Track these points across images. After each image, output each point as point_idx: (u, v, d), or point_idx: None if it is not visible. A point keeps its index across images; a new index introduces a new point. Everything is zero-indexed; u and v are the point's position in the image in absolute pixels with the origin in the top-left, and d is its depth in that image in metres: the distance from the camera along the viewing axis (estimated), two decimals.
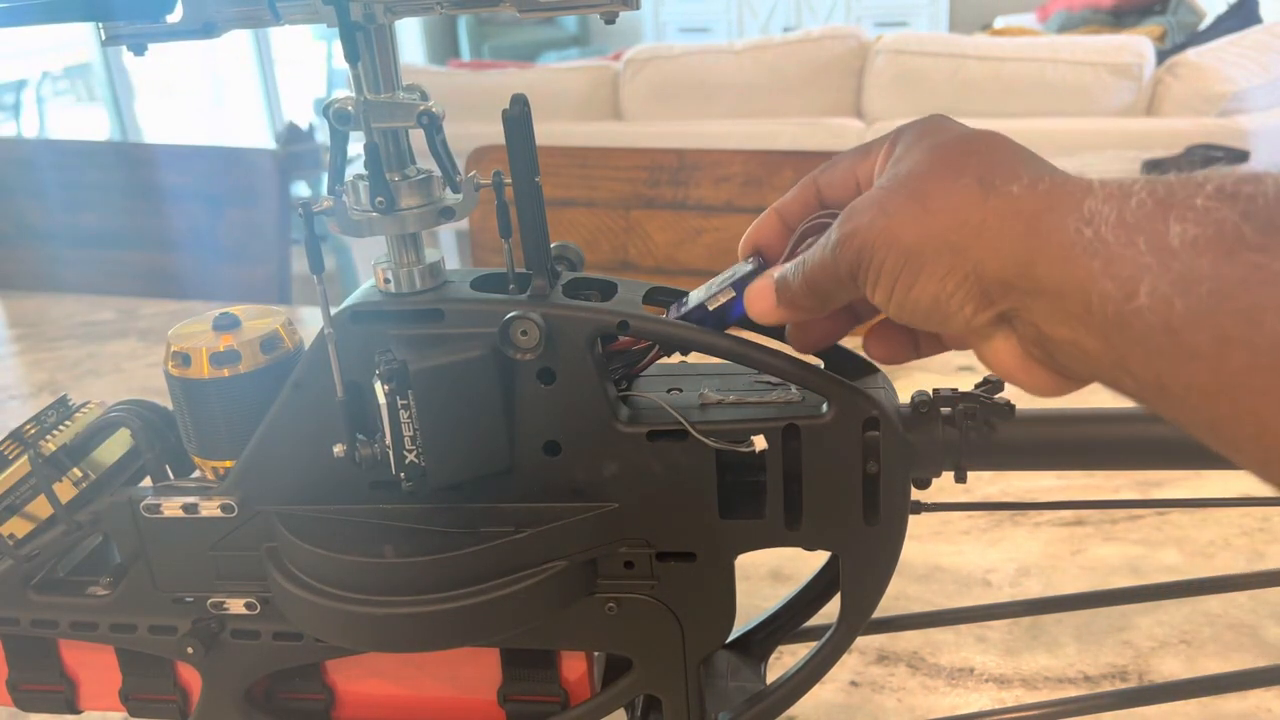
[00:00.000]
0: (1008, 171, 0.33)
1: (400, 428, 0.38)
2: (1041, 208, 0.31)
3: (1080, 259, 0.29)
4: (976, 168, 0.33)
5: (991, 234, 0.32)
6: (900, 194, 0.34)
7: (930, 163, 0.35)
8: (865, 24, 5.09)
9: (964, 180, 0.33)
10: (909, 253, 0.33)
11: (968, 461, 0.40)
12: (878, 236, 0.34)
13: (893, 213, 0.34)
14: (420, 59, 5.66)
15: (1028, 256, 0.31)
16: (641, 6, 0.39)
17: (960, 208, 0.33)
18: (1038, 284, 0.31)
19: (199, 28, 0.37)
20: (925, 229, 0.33)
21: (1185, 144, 2.37)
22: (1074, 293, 0.30)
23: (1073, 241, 0.30)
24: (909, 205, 0.34)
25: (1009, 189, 0.32)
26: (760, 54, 2.99)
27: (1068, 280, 0.30)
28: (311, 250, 0.39)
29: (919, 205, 0.34)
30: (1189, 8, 3.74)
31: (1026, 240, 0.31)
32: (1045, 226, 0.31)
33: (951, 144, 0.35)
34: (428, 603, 0.39)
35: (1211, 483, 0.80)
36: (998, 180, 0.33)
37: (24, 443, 0.45)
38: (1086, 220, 0.30)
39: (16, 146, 2.34)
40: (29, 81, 4.98)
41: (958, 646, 0.66)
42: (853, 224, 0.35)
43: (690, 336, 0.40)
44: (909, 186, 0.34)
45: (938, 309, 0.34)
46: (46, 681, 0.50)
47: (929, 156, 0.35)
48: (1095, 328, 0.29)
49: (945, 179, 0.34)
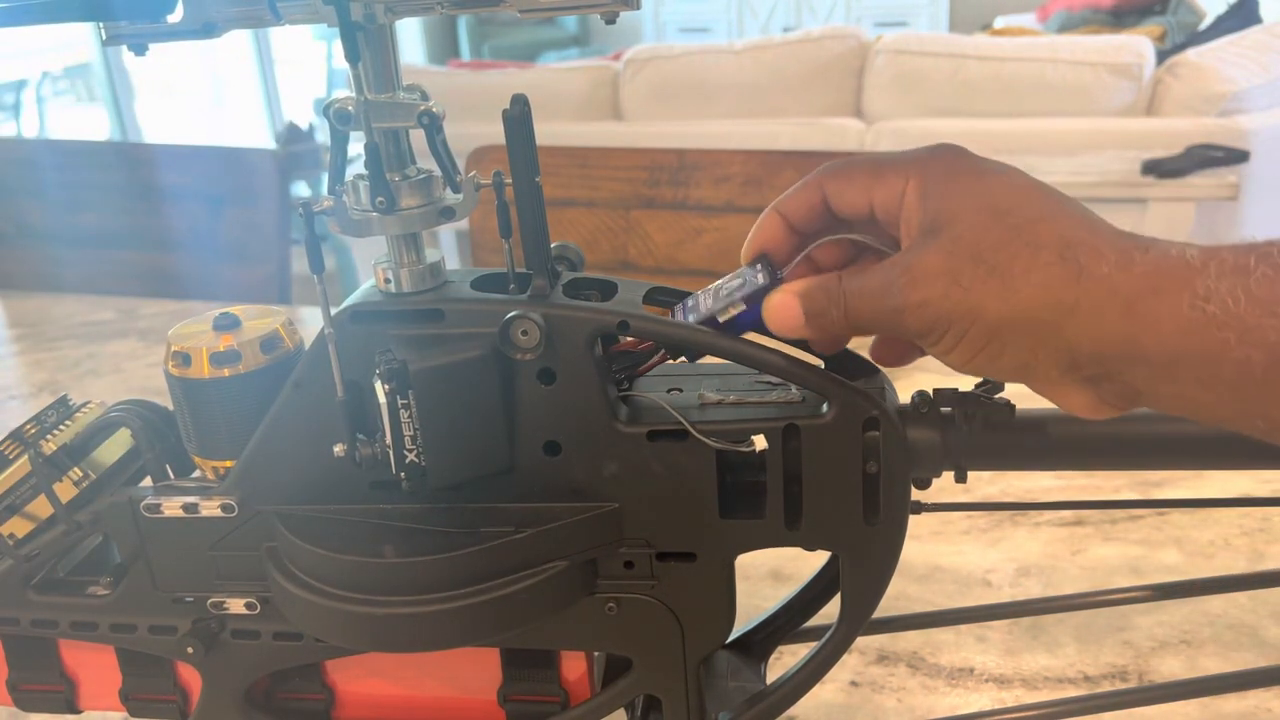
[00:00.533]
0: (1089, 247, 0.34)
1: (400, 428, 0.38)
2: (1143, 289, 0.33)
3: (1204, 332, 0.32)
4: (1052, 239, 0.35)
5: (1085, 315, 0.34)
6: (973, 266, 0.35)
7: (993, 228, 0.35)
8: (865, 24, 5.09)
9: (1044, 255, 0.34)
10: (994, 330, 0.35)
11: (968, 461, 0.40)
12: (955, 310, 0.35)
13: (970, 287, 0.35)
14: (420, 59, 5.66)
15: (1130, 334, 0.33)
16: (641, 6, 0.39)
17: (1049, 286, 0.34)
18: (1142, 356, 0.33)
19: (199, 28, 0.37)
20: (1011, 307, 0.34)
21: (1185, 144, 2.37)
22: (1197, 362, 0.33)
23: (1190, 318, 0.32)
24: (989, 281, 0.35)
25: (1100, 270, 0.34)
26: (760, 54, 2.99)
27: (1188, 352, 0.33)
28: (311, 250, 0.39)
29: (1000, 282, 0.34)
30: (1189, 8, 3.74)
31: (1126, 320, 0.33)
32: (1149, 307, 0.33)
33: (1006, 205, 0.36)
34: (428, 603, 0.39)
35: (1211, 483, 0.80)
36: (1082, 258, 0.34)
37: (24, 443, 0.45)
38: (1204, 298, 0.32)
39: (16, 146, 2.34)
40: (29, 81, 4.98)
41: (958, 646, 0.66)
42: (922, 294, 0.35)
43: (691, 337, 0.40)
44: (980, 258, 0.35)
45: (1025, 372, 0.36)
46: (46, 681, 0.50)
47: (987, 220, 0.35)
48: (1223, 386, 0.33)
49: (1022, 253, 0.35)
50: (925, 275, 0.35)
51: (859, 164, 0.40)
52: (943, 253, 0.35)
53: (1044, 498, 0.81)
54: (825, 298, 0.38)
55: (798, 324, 0.39)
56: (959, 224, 0.36)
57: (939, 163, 0.38)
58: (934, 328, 0.36)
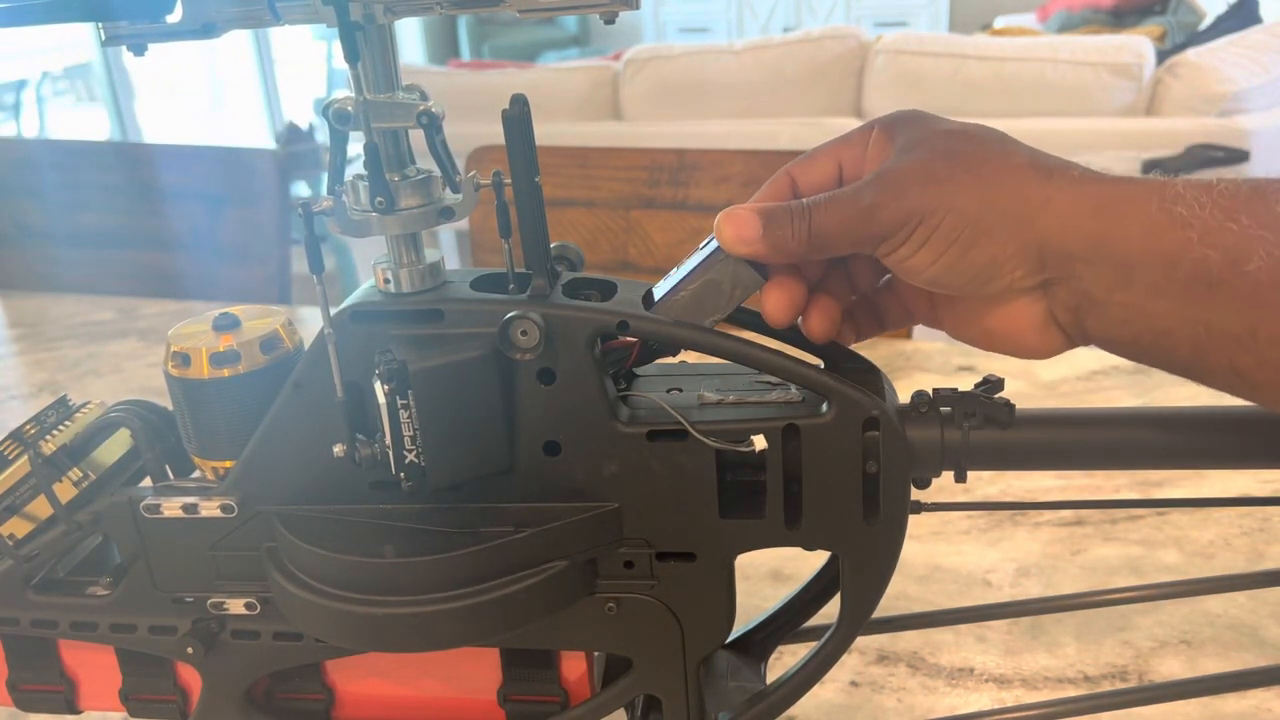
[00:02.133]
0: (1058, 161, 0.37)
1: (400, 428, 0.38)
2: (1113, 193, 0.35)
3: (1169, 232, 0.34)
4: (1024, 152, 0.37)
5: (1057, 209, 0.36)
6: (948, 164, 0.37)
7: (965, 144, 0.38)
8: (865, 24, 5.09)
9: (1016, 160, 0.37)
10: (971, 218, 0.36)
11: (968, 461, 0.40)
12: (930, 202, 0.36)
13: (946, 180, 0.37)
14: (420, 59, 5.66)
15: (1098, 233, 0.35)
16: (641, 6, 0.39)
17: (1022, 183, 0.36)
18: (1107, 256, 0.35)
19: (199, 28, 0.37)
20: (987, 198, 0.36)
21: (1185, 144, 2.37)
22: (1156, 262, 0.34)
23: (1156, 220, 0.34)
24: (965, 175, 0.37)
25: (1069, 173, 0.36)
26: (760, 54, 2.99)
27: (1150, 251, 0.34)
28: (311, 250, 0.39)
29: (975, 176, 0.36)
30: (1189, 8, 3.74)
31: (1096, 220, 0.35)
32: (1119, 209, 0.35)
33: (974, 132, 0.38)
34: (428, 603, 0.39)
35: (1211, 483, 0.80)
36: (1053, 166, 0.37)
37: (24, 443, 0.45)
38: (1173, 201, 0.34)
39: (16, 146, 2.34)
40: (29, 81, 4.98)
41: (958, 646, 0.66)
42: (897, 189, 0.37)
43: (691, 336, 0.40)
44: (955, 159, 0.37)
45: (990, 271, 0.37)
46: (46, 681, 0.50)
47: (960, 141, 0.38)
48: (1175, 290, 0.34)
49: (995, 158, 0.37)
50: (900, 178, 0.37)
51: (821, 146, 0.42)
52: (916, 159, 0.38)
53: (1044, 498, 0.81)
54: (786, 213, 0.39)
55: (754, 234, 0.39)
56: (931, 139, 0.38)
57: (902, 115, 0.40)
58: (906, 221, 0.37)
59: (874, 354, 1.11)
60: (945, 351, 1.06)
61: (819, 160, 0.42)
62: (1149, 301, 0.35)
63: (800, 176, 0.42)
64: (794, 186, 0.42)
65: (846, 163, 0.41)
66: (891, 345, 1.10)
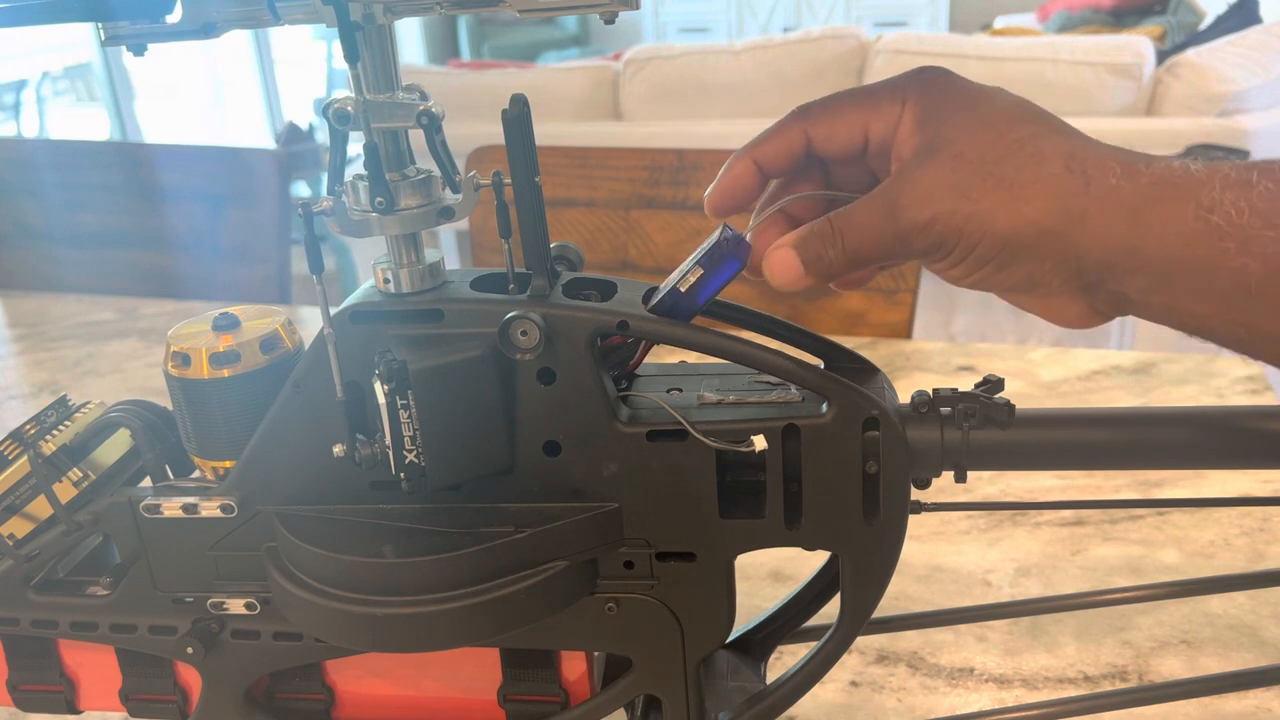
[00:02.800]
0: (1094, 159, 0.35)
1: (400, 428, 0.38)
2: (1149, 199, 0.34)
3: (1206, 241, 0.33)
4: (1055, 151, 0.35)
5: (1094, 222, 0.35)
6: (980, 179, 0.35)
7: (995, 144, 0.36)
8: (865, 24, 5.08)
9: (1049, 166, 0.35)
10: (1005, 241, 0.35)
11: (968, 461, 0.40)
12: (966, 224, 0.35)
13: (979, 200, 0.35)
14: (420, 59, 5.66)
15: (1135, 243, 0.34)
16: (641, 6, 0.39)
17: (1058, 196, 0.35)
18: (1144, 265, 0.34)
19: (199, 28, 0.37)
20: (1021, 217, 0.35)
21: (1185, 144, 2.37)
22: (1195, 270, 0.34)
23: (1193, 228, 0.33)
24: (996, 192, 0.35)
25: (1107, 180, 0.35)
26: (760, 54, 2.99)
27: (1187, 260, 0.34)
28: (311, 250, 0.39)
29: (1008, 193, 0.35)
30: (1189, 8, 3.74)
31: (1133, 229, 0.34)
32: (1155, 216, 0.34)
33: (1004, 122, 0.36)
34: (428, 603, 0.39)
35: (1211, 483, 0.80)
36: (1089, 169, 0.35)
37: (24, 443, 0.45)
38: (1208, 209, 0.33)
39: (16, 146, 2.34)
40: (29, 81, 4.98)
41: (958, 646, 0.66)
42: (930, 211, 0.36)
43: (691, 337, 0.40)
44: (987, 171, 0.35)
45: (1027, 282, 0.36)
46: (46, 681, 0.50)
47: (988, 136, 0.36)
48: (1215, 296, 0.34)
49: (1028, 165, 0.35)
50: (931, 192, 0.36)
51: (845, 99, 0.40)
52: (946, 168, 0.36)
53: (1044, 498, 0.81)
54: (820, 242, 0.38)
55: (798, 274, 0.39)
56: (959, 142, 0.36)
57: (931, 85, 0.38)
58: (941, 244, 0.36)
59: (874, 354, 1.11)
60: (945, 351, 1.06)
61: (842, 123, 0.39)
62: (1189, 304, 0.35)
63: (816, 133, 0.40)
64: (807, 140, 0.40)
65: (874, 135, 0.39)
66: (891, 345, 1.10)
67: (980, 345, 1.05)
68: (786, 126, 0.40)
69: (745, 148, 0.41)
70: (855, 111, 0.39)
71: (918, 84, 0.38)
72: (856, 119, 0.39)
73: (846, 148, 0.40)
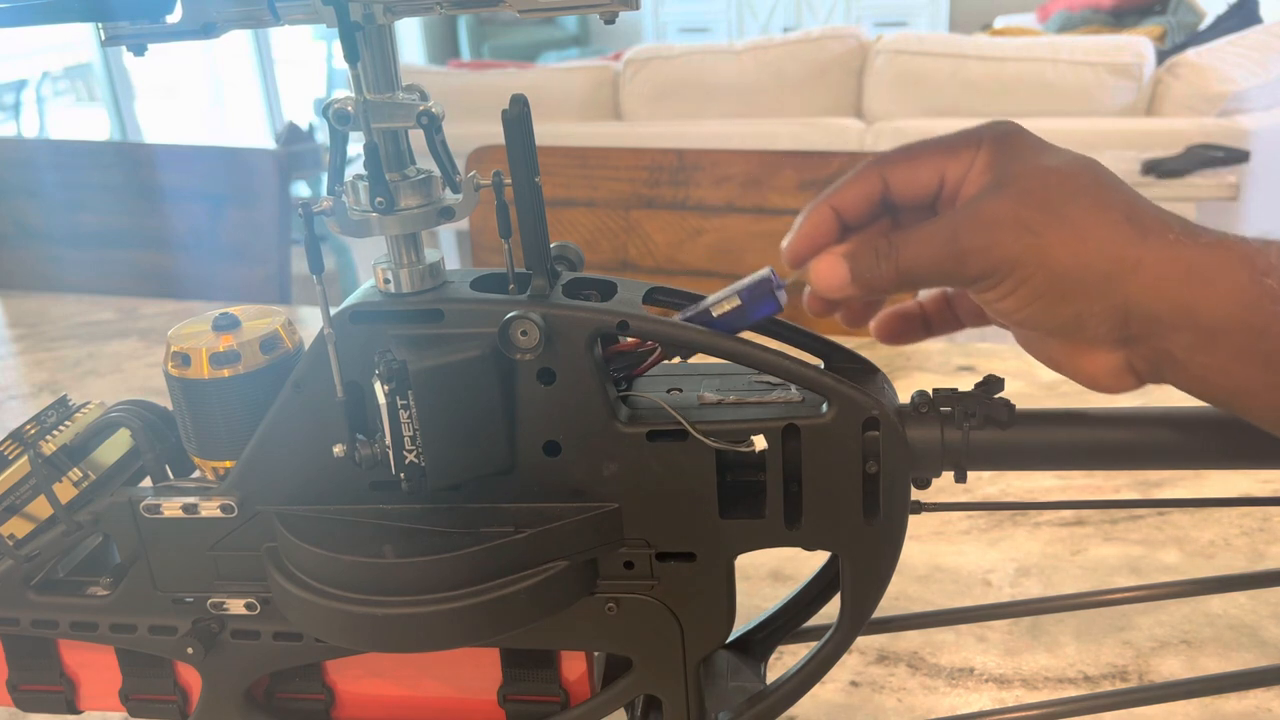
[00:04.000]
0: (1153, 217, 0.36)
1: (400, 428, 0.38)
2: (1207, 259, 0.35)
3: (1259, 305, 0.34)
4: (1118, 202, 0.36)
5: (1148, 273, 0.35)
6: (1043, 214, 0.36)
7: (1062, 186, 0.37)
8: (865, 24, 5.09)
9: (1112, 214, 0.36)
10: (1058, 277, 0.36)
11: (968, 461, 0.40)
12: (1023, 254, 0.36)
13: (1040, 233, 0.36)
14: (420, 59, 5.66)
15: (1187, 301, 0.35)
16: (641, 6, 0.39)
17: (1116, 241, 0.36)
18: (1193, 323, 0.35)
19: (199, 28, 0.37)
20: (1078, 256, 0.36)
21: (1185, 144, 2.37)
22: (1244, 331, 0.34)
23: (1248, 291, 0.34)
24: (1057, 229, 0.36)
25: (1165, 235, 0.35)
26: (760, 54, 2.99)
27: (1238, 320, 0.34)
28: (311, 250, 0.39)
29: (1069, 231, 0.36)
30: (1189, 8, 3.74)
31: (1186, 286, 0.35)
32: (1210, 274, 0.35)
33: (1072, 170, 0.37)
34: (428, 603, 0.39)
35: (1211, 483, 0.80)
36: (1148, 223, 0.36)
37: (24, 443, 0.45)
38: (1264, 272, 0.34)
39: (16, 146, 2.34)
40: (29, 81, 4.98)
41: (958, 646, 0.66)
42: (990, 237, 0.36)
43: (690, 337, 0.40)
44: (1050, 208, 0.36)
45: (1074, 324, 0.37)
46: (46, 681, 0.50)
47: (1055, 178, 0.37)
48: (1260, 359, 0.34)
49: (1092, 209, 0.36)
50: (994, 220, 0.37)
51: (923, 146, 0.41)
52: (1011, 200, 0.37)
53: (1044, 498, 0.81)
54: (873, 254, 0.39)
55: (843, 282, 0.39)
56: (1026, 179, 0.37)
57: (1005, 135, 0.39)
58: (996, 271, 0.37)
59: (874, 354, 1.11)
60: (945, 351, 1.06)
61: (921, 167, 0.41)
62: (1232, 365, 0.35)
63: (894, 178, 0.41)
64: (885, 187, 0.41)
65: (949, 179, 0.40)
66: (891, 345, 1.09)
67: (980, 345, 1.05)
68: (863, 173, 0.41)
69: (823, 195, 0.42)
70: (933, 156, 0.40)
71: (992, 133, 0.39)
72: (934, 163, 0.40)
73: (922, 192, 0.41)
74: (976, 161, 0.39)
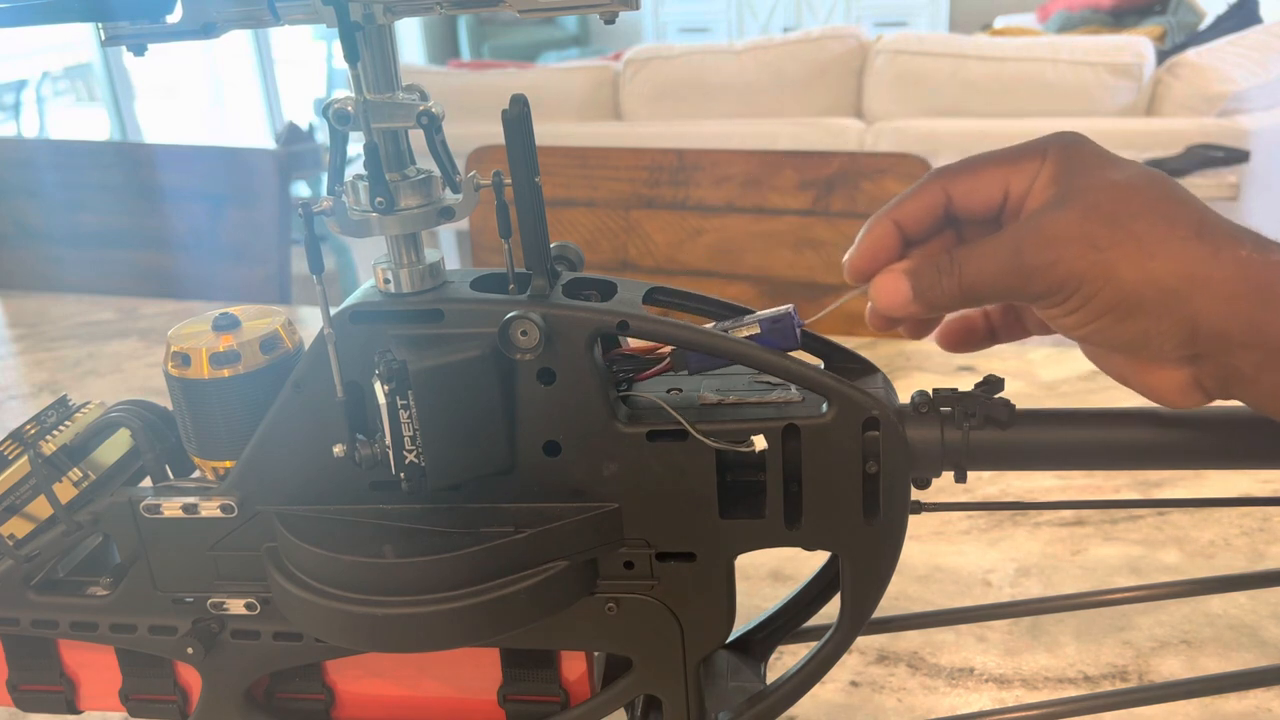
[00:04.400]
0: (1224, 231, 0.35)
1: (400, 428, 0.38)
2: (1277, 276, 0.34)
3: None
4: (1187, 217, 0.36)
5: (1218, 290, 0.35)
6: (1109, 230, 0.35)
7: (1129, 201, 0.36)
8: (865, 24, 5.09)
9: (1180, 230, 0.35)
10: (1126, 294, 0.35)
11: (968, 461, 0.40)
12: (1089, 271, 0.35)
13: (1105, 249, 0.35)
14: (420, 59, 5.66)
15: (1259, 319, 0.34)
16: (641, 6, 0.39)
17: (1185, 258, 0.35)
18: (1263, 341, 0.34)
19: (199, 28, 0.37)
20: (1146, 272, 0.35)
21: (1185, 144, 2.37)
22: None
23: None
24: (1125, 244, 0.35)
25: (1237, 252, 0.35)
26: (760, 54, 2.99)
27: None
28: (311, 250, 0.39)
29: (1136, 247, 0.35)
30: (1189, 8, 3.74)
31: (1257, 304, 0.34)
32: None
33: (1139, 183, 0.37)
34: (428, 603, 0.39)
35: (1211, 483, 0.80)
36: (1219, 239, 0.35)
37: (24, 443, 0.45)
38: None
39: (16, 146, 2.34)
40: (29, 81, 4.98)
41: (958, 646, 0.66)
42: (1056, 253, 0.36)
43: (690, 337, 0.40)
44: (1117, 223, 0.35)
45: (1140, 341, 0.36)
46: (46, 681, 0.50)
47: (1122, 193, 0.36)
48: None
49: (1159, 225, 0.35)
50: (1060, 235, 0.36)
51: (986, 157, 0.40)
52: (1077, 215, 0.36)
53: (1044, 498, 0.81)
54: (935, 270, 0.38)
55: (905, 299, 0.39)
56: (1092, 194, 0.36)
57: (1070, 147, 0.39)
58: (1062, 288, 0.36)
59: (874, 354, 1.11)
60: (945, 351, 1.06)
61: (983, 180, 0.40)
62: None
63: (956, 191, 0.40)
64: (948, 200, 0.40)
65: (1013, 191, 0.39)
66: (891, 345, 1.09)
67: None
68: (926, 186, 0.40)
69: (885, 209, 0.41)
70: (997, 169, 0.40)
71: (1057, 144, 0.39)
72: (998, 176, 0.40)
73: (986, 205, 0.40)
74: (1041, 174, 0.38)
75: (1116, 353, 0.38)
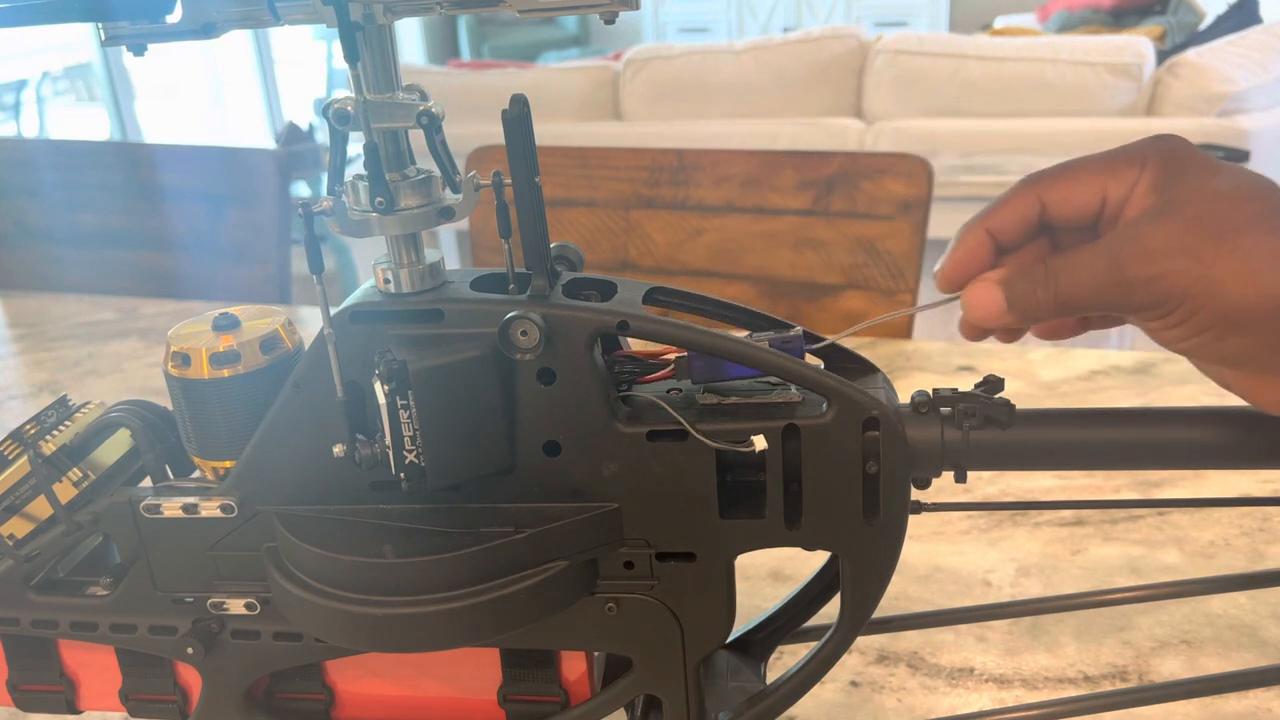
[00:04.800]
0: None
1: (400, 428, 0.38)
2: None
3: None
4: None
5: None
6: (1213, 244, 0.34)
7: (1233, 213, 0.35)
8: (865, 24, 5.09)
9: None
10: (1231, 310, 0.34)
11: (968, 461, 0.40)
12: (1193, 287, 0.34)
13: (1210, 264, 0.34)
14: (420, 59, 5.66)
15: None
16: (641, 6, 0.39)
17: None
18: None
19: (199, 28, 0.37)
20: (1252, 289, 0.34)
21: None
22: None
23: None
24: (1230, 259, 0.34)
25: None
26: (760, 54, 2.99)
27: None
28: (311, 250, 0.39)
29: (1242, 262, 0.34)
30: (1189, 8, 3.74)
31: None
32: None
33: (1244, 194, 0.35)
34: (428, 603, 0.39)
35: (1211, 483, 0.80)
36: None
37: (24, 443, 0.45)
38: None
39: (16, 146, 2.34)
40: (29, 81, 4.98)
41: (958, 646, 0.66)
42: (1158, 267, 0.35)
43: (690, 337, 0.40)
44: (1221, 238, 0.34)
45: (1243, 355, 0.35)
46: (46, 681, 0.50)
47: (1225, 205, 0.35)
48: None
49: (1266, 237, 0.34)
50: (1162, 249, 0.35)
51: (1082, 163, 0.39)
52: (1179, 228, 0.35)
53: (1044, 498, 0.81)
54: (1030, 281, 0.37)
55: (999, 310, 0.38)
56: (1195, 205, 0.35)
57: (1171, 152, 0.38)
58: (1163, 303, 0.35)
59: (874, 354, 1.11)
60: (945, 351, 1.06)
61: (1079, 186, 0.39)
62: None
63: (1051, 198, 0.39)
64: (1042, 207, 0.39)
65: (1111, 198, 0.38)
66: (891, 345, 1.10)
67: (980, 345, 1.05)
68: (1019, 193, 0.39)
69: (977, 217, 0.40)
70: (1093, 174, 0.39)
71: (1156, 150, 0.38)
72: (1095, 182, 0.38)
73: (1082, 212, 0.39)
74: (1141, 181, 0.37)
75: (1222, 365, 0.37)
